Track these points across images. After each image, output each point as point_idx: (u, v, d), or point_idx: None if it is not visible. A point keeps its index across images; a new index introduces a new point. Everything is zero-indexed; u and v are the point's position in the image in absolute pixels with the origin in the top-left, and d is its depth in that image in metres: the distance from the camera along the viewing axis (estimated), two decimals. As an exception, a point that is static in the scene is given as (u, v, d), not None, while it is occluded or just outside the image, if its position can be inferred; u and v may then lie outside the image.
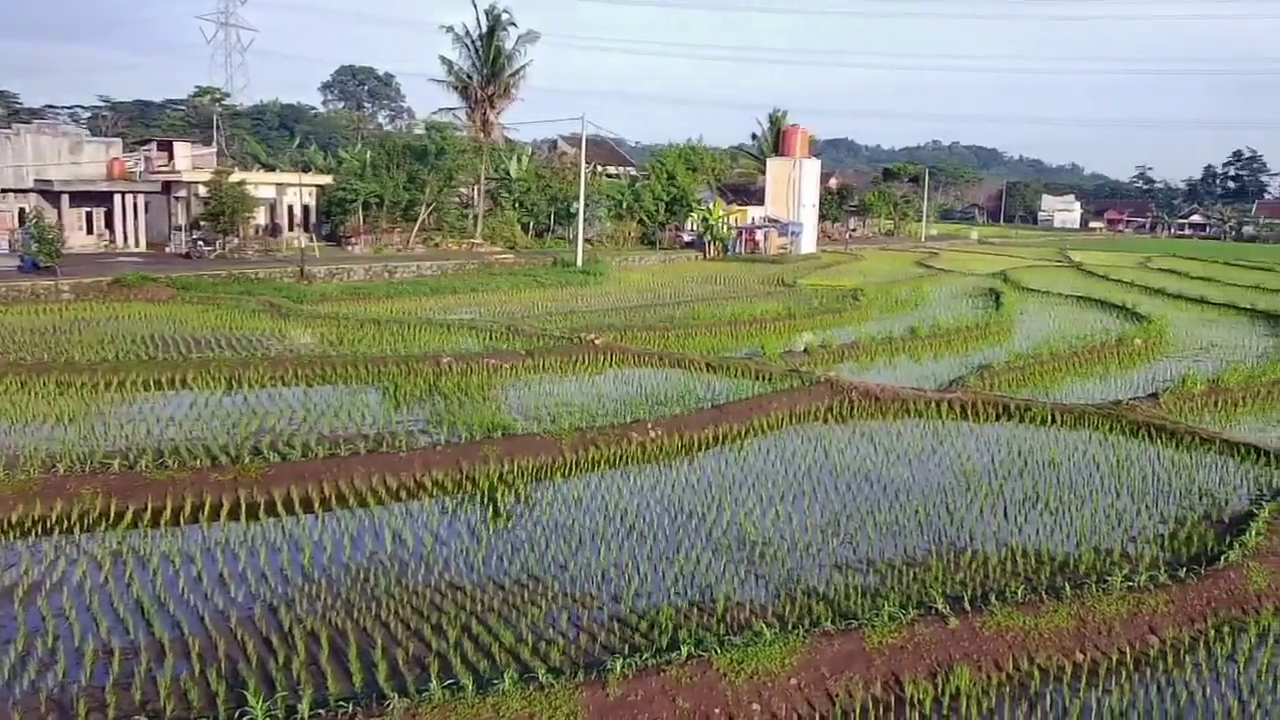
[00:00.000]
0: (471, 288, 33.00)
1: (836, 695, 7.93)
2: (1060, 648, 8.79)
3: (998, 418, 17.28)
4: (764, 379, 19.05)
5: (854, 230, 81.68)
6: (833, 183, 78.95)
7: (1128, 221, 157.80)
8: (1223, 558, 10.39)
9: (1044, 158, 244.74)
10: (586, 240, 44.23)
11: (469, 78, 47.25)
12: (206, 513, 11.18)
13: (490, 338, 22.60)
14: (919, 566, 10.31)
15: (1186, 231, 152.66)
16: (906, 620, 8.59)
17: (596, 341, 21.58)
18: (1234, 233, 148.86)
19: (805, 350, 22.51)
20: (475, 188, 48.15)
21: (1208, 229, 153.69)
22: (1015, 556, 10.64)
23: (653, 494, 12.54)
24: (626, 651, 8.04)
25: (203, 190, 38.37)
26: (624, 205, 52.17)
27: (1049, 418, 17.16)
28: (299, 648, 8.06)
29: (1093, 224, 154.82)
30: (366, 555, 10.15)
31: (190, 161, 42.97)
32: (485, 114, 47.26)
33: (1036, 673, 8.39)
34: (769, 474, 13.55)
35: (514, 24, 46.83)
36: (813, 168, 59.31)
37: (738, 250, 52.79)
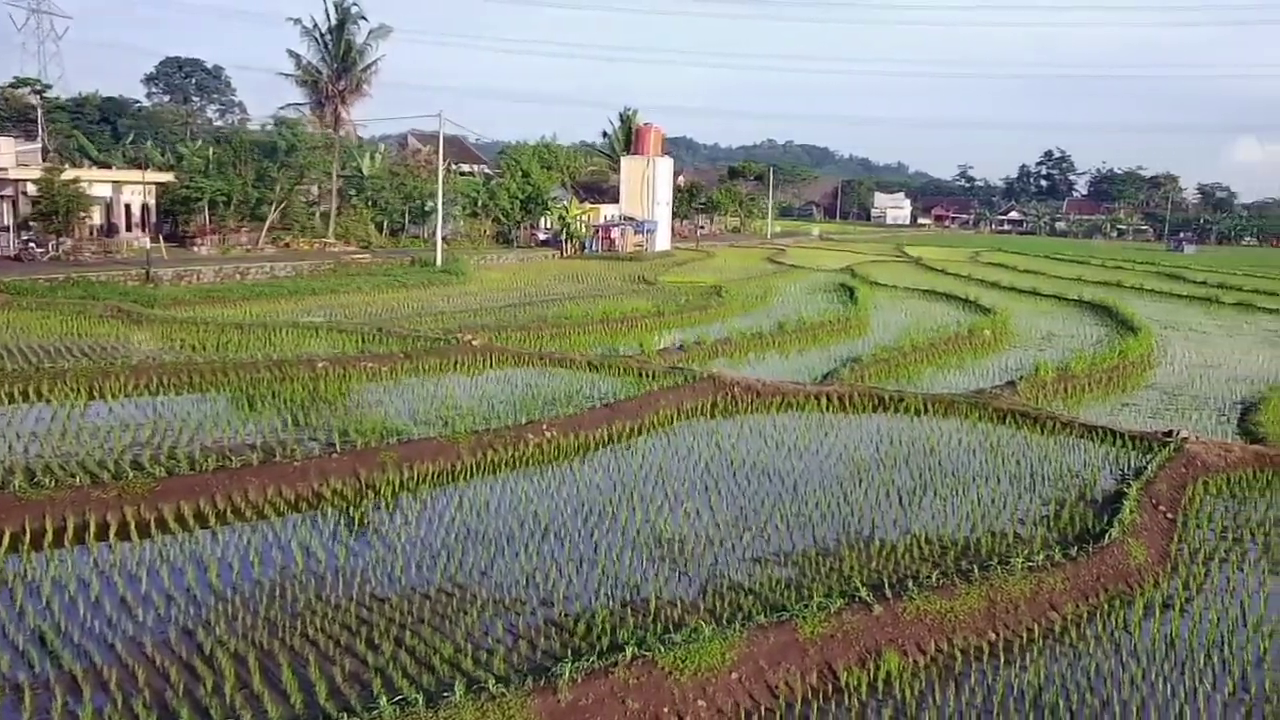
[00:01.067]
0: (331, 289, 32.02)
1: (776, 687, 8.09)
2: (974, 628, 9.21)
3: (874, 409, 17.94)
4: (647, 376, 19.20)
5: (702, 228, 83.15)
6: (681, 180, 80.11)
7: (953, 218, 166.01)
8: (1106, 536, 11.08)
9: (872, 157, 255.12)
10: (443, 239, 43.53)
11: (318, 72, 45.69)
12: (93, 533, 10.50)
13: (362, 340, 21.99)
14: (832, 556, 10.62)
15: (1005, 227, 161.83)
16: (834, 610, 8.83)
17: (474, 342, 21.30)
18: (1048, 228, 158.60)
19: (681, 347, 22.82)
20: (322, 186, 46.69)
21: (1024, 225, 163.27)
22: (919, 543, 11.08)
23: (560, 495, 12.49)
24: (569, 656, 7.99)
25: (31, 188, 35.86)
26: (479, 204, 51.57)
27: (921, 407, 17.92)
28: (227, 672, 7.68)
29: (921, 220, 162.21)
30: (278, 570, 9.75)
31: (14, 158, 40.12)
32: (336, 110, 45.81)
33: (957, 654, 8.76)
34: (670, 471, 13.68)
35: (364, 18, 45.62)
36: (666, 166, 60.08)
37: (594, 248, 52.97)
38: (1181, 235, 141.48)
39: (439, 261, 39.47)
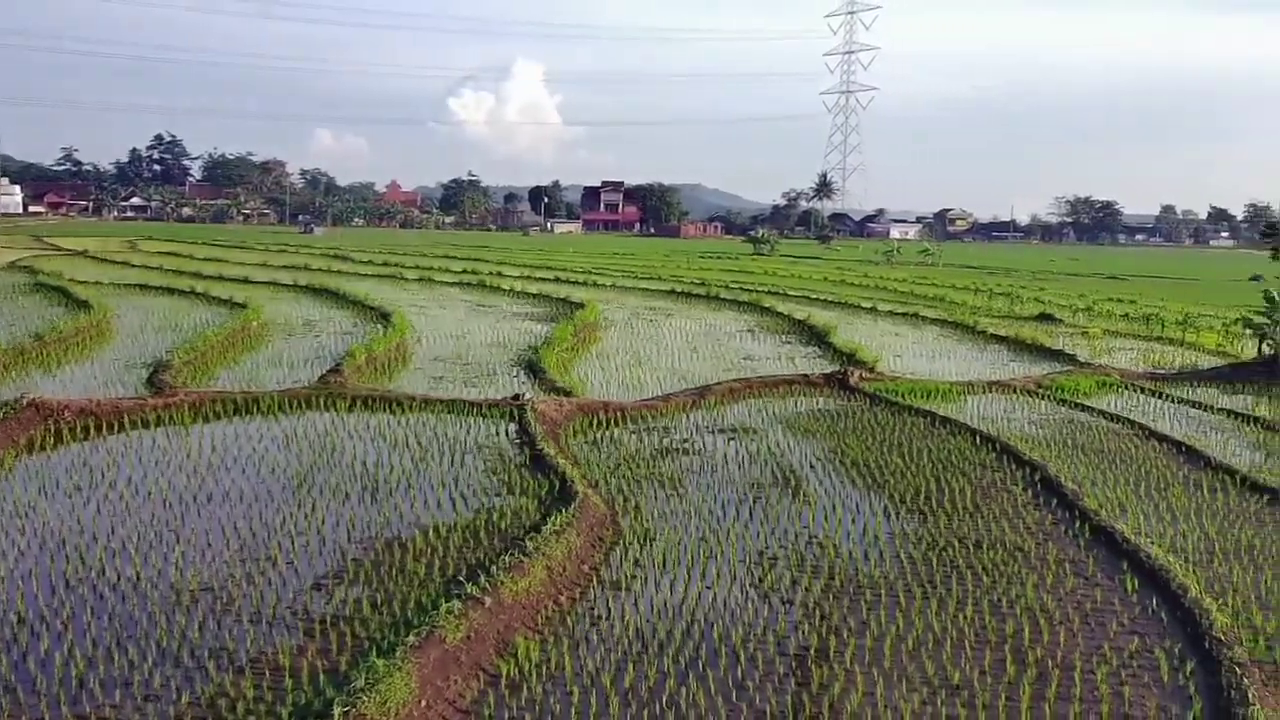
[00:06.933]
0: None
1: (457, 701, 7.93)
2: (551, 597, 9.92)
3: (226, 416, 16.85)
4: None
5: None
6: None
7: (71, 204, 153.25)
8: (574, 493, 12.48)
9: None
10: None
11: None
12: None
13: None
14: (387, 564, 10.29)
15: (130, 214, 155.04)
16: (458, 611, 8.80)
17: None
18: (175, 214, 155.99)
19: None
20: None
21: (149, 211, 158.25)
22: (442, 531, 11.24)
23: (13, 576, 9.75)
24: (264, 741, 6.82)
25: None
26: None
27: (280, 406, 17.38)
28: None
29: (34, 208, 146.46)
30: None
31: None
32: None
33: (567, 619, 9.40)
34: (104, 515, 11.46)
35: None
36: None
37: None
38: (304, 218, 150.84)
39: None
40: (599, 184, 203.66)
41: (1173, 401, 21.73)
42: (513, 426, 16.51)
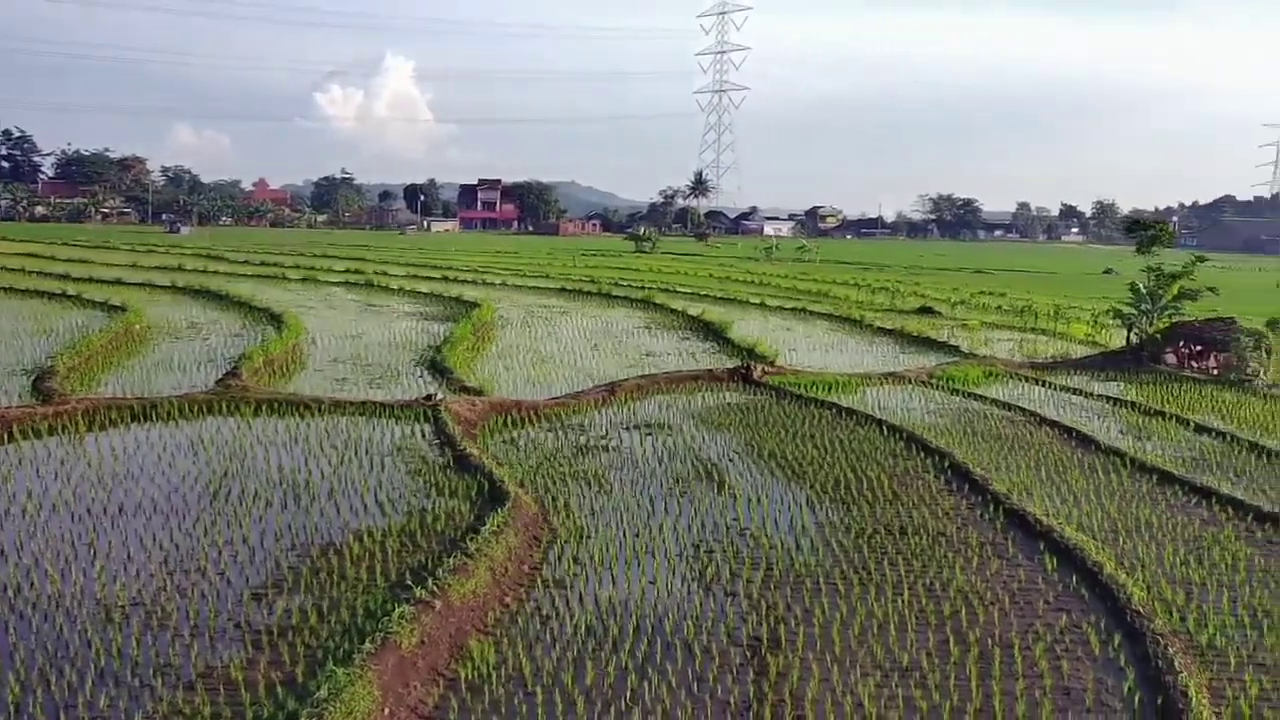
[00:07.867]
0: None
1: (419, 707, 7.81)
2: (497, 599, 9.83)
3: (130, 421, 16.12)
4: None
5: None
6: None
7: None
8: (507, 494, 12.38)
9: None
10: None
11: None
12: None
13: None
14: (325, 571, 10.01)
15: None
16: (410, 615, 8.65)
17: None
18: (28, 214, 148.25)
19: None
20: None
21: (1, 209, 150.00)
22: (393, 532, 10.99)
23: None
24: (231, 757, 6.59)
25: None
26: None
27: (179, 410, 16.70)
28: None
29: None
30: None
31: None
32: None
33: (517, 620, 9.33)
34: (21, 524, 10.86)
35: None
36: None
37: None
38: (169, 216, 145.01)
39: None
40: (475, 182, 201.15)
41: (1055, 389, 22.77)
42: (428, 428, 16.26)
